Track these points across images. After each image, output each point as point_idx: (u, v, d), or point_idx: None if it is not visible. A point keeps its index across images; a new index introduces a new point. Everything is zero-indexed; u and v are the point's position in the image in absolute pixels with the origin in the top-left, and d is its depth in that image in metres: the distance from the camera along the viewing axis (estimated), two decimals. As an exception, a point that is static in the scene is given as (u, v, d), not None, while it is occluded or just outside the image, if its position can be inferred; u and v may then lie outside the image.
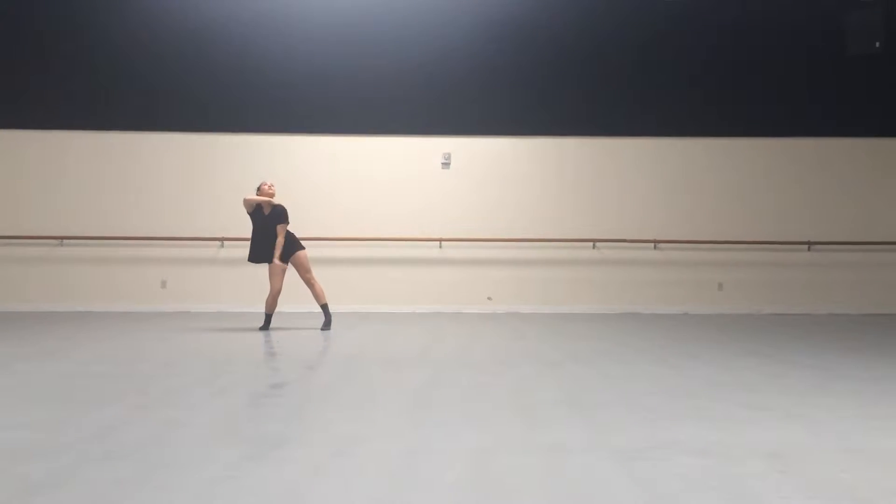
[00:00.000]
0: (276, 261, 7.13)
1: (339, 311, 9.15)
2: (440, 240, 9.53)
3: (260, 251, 7.23)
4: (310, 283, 7.25)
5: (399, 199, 9.57)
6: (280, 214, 7.22)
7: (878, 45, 8.88)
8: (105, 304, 9.41)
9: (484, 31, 9.69)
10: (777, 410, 3.66)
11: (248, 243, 9.43)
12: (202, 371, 4.79)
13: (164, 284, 9.52)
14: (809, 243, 9.64)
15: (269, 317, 7.31)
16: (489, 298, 9.53)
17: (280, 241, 7.16)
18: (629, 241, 9.57)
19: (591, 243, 9.62)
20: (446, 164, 9.69)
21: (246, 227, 9.49)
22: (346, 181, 9.64)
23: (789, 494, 2.40)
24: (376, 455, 2.82)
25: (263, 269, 9.56)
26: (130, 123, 9.62)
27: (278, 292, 7.21)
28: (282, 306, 9.44)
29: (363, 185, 9.61)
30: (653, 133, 9.78)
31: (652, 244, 9.65)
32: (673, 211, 9.69)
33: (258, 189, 7.34)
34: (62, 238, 9.43)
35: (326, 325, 7.26)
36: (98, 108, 9.62)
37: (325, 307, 7.33)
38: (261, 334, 6.96)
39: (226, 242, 9.55)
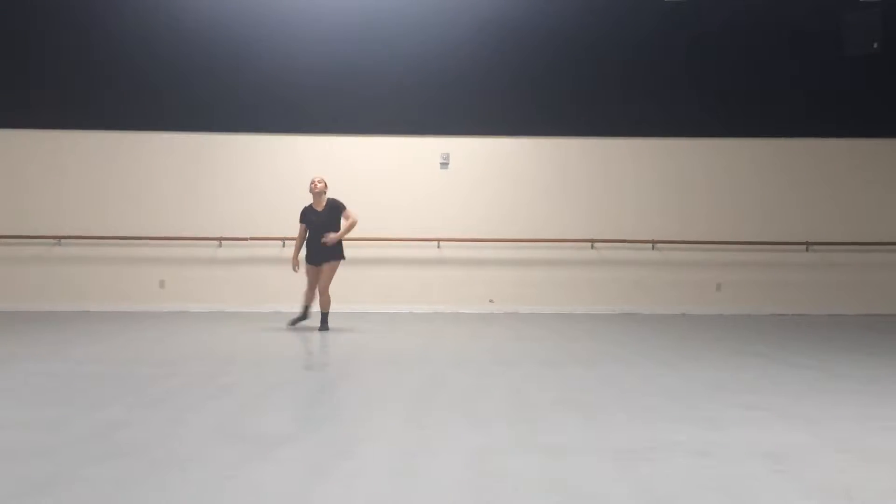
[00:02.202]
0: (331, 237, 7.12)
1: (337, 311, 9.14)
2: (438, 240, 9.53)
3: (321, 252, 7.16)
4: (323, 290, 7.21)
5: (397, 200, 9.57)
6: (338, 206, 7.23)
7: (875, 45, 8.89)
8: (103, 303, 9.40)
9: (482, 31, 9.69)
10: (775, 411, 3.67)
11: (247, 243, 9.51)
12: (201, 371, 4.79)
13: (162, 284, 9.51)
14: (808, 244, 9.65)
15: (307, 308, 7.40)
16: (491, 301, 9.53)
17: (350, 222, 7.17)
18: (628, 241, 9.57)
19: (589, 243, 9.62)
20: (445, 164, 9.69)
21: (243, 228, 9.51)
22: (344, 181, 9.61)
23: (787, 494, 2.41)
24: (376, 455, 2.83)
25: (260, 269, 9.58)
26: (128, 123, 9.61)
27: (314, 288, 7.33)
28: (281, 306, 9.44)
29: (361, 185, 9.60)
30: (651, 133, 9.78)
31: (650, 244, 9.65)
32: (671, 211, 9.70)
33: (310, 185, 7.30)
34: (60, 237, 9.41)
35: (323, 327, 7.27)
36: (96, 108, 9.60)
37: (325, 315, 7.33)
38: (258, 334, 6.95)
39: (224, 242, 9.55)
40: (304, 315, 7.41)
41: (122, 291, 9.44)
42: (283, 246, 9.53)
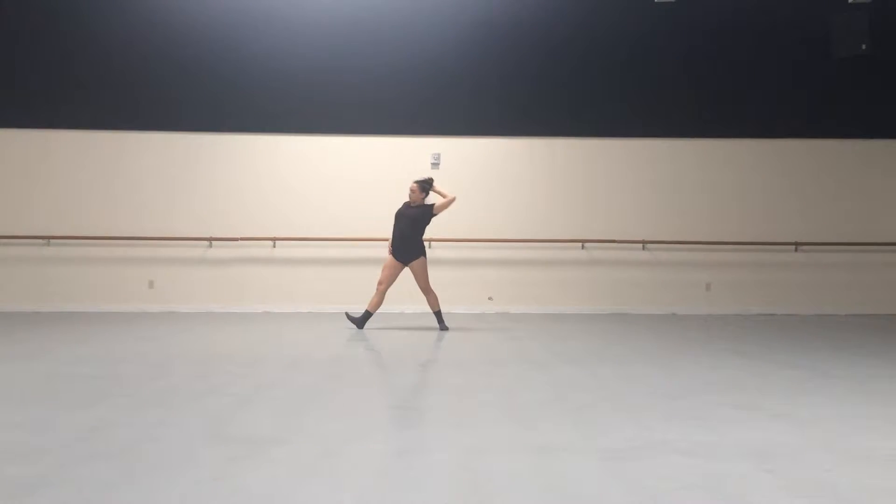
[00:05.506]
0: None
1: (327, 311, 9.13)
2: (430, 240, 9.50)
3: (407, 250, 7.33)
4: (425, 289, 7.35)
5: (388, 200, 9.52)
6: (429, 207, 7.39)
7: (864, 47, 8.94)
8: (92, 304, 9.34)
9: (474, 32, 9.68)
10: (764, 410, 3.69)
11: (237, 244, 9.48)
12: (189, 372, 4.77)
13: (151, 285, 9.47)
14: (797, 244, 9.70)
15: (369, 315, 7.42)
16: (490, 299, 9.56)
17: (448, 199, 7.34)
18: (618, 241, 9.60)
19: (579, 244, 9.63)
20: (436, 165, 9.68)
21: (233, 229, 9.48)
22: (334, 181, 9.61)
23: (776, 493, 2.42)
24: (365, 455, 2.82)
25: (250, 270, 9.55)
26: (118, 123, 9.56)
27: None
28: (271, 306, 9.41)
29: (351, 185, 9.59)
30: (642, 134, 9.81)
31: (640, 245, 9.68)
32: (661, 211, 9.72)
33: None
34: (49, 238, 9.35)
35: (442, 327, 7.38)
36: (85, 108, 9.55)
37: (438, 314, 7.42)
38: (247, 335, 6.93)
39: (214, 242, 9.51)
40: (364, 319, 7.36)
41: (111, 292, 9.39)
42: (274, 246, 9.51)
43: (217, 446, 2.93)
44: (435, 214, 7.40)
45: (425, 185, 7.38)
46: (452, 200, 7.37)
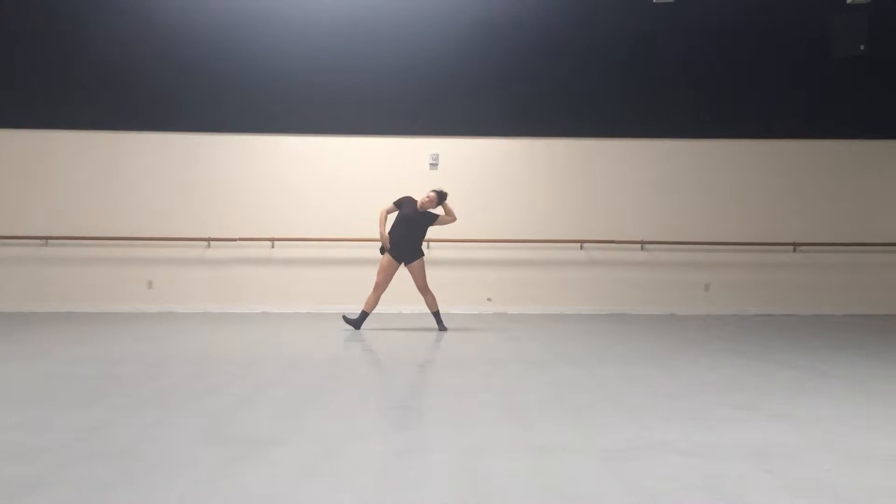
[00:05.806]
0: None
1: (329, 312, 9.13)
2: (428, 241, 9.49)
3: (409, 249, 7.31)
4: (424, 289, 7.34)
5: (387, 200, 9.53)
6: (433, 215, 7.40)
7: (862, 47, 8.95)
8: (90, 304, 9.33)
9: (474, 32, 9.68)
10: (763, 410, 3.68)
11: (235, 243, 9.47)
12: (188, 372, 4.76)
13: (150, 285, 9.46)
14: (795, 245, 9.70)
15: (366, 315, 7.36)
16: (489, 300, 9.56)
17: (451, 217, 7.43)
18: (617, 241, 9.60)
19: (578, 244, 9.64)
20: (434, 165, 9.68)
21: (232, 229, 9.47)
22: (333, 181, 9.61)
23: (775, 493, 2.42)
24: (365, 455, 2.82)
25: (249, 270, 9.54)
26: (117, 123, 9.55)
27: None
28: (269, 307, 9.41)
29: (351, 186, 9.59)
30: (641, 134, 9.81)
31: (639, 245, 9.68)
32: (660, 212, 9.73)
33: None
34: (47, 238, 9.34)
35: (441, 327, 7.37)
36: (84, 108, 9.54)
37: (437, 315, 7.42)
38: (246, 335, 6.92)
39: (212, 243, 9.50)
40: (361, 320, 7.33)
41: (109, 292, 9.38)
42: (273, 247, 9.50)
43: (216, 446, 2.92)
44: (433, 225, 7.43)
45: (441, 199, 7.37)
46: (453, 221, 7.45)
